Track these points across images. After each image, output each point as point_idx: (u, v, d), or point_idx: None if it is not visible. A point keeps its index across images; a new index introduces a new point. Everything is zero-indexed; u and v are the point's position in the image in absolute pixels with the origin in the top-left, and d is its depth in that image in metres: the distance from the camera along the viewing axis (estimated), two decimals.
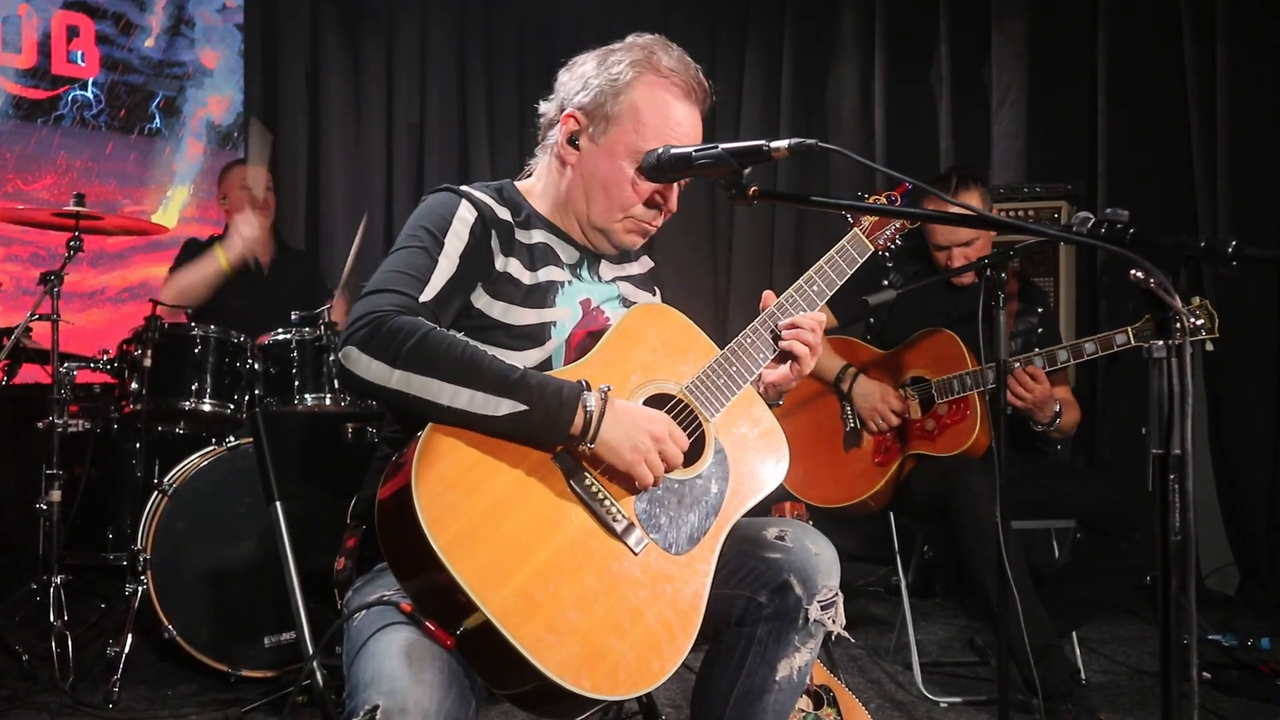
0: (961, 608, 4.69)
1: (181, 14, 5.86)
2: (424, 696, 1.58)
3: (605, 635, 1.69)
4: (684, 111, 2.03)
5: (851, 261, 2.20)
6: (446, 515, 1.64)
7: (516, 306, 1.95)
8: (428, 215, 1.94)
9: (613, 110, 2.00)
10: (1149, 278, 1.50)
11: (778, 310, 2.08)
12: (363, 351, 1.72)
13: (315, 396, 3.78)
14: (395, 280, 1.83)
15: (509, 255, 1.97)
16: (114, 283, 5.55)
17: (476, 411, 1.70)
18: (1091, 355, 3.26)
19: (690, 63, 2.06)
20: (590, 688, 1.64)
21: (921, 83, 5.63)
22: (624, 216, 2.05)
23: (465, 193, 1.98)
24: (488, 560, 1.64)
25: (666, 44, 2.06)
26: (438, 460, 1.68)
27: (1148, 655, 3.94)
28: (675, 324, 2.05)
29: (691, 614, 1.80)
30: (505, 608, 1.62)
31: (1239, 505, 4.80)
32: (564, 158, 2.06)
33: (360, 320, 1.74)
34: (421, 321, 1.75)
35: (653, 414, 1.84)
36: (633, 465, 1.78)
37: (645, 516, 1.82)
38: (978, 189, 3.53)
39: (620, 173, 2.01)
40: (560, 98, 2.08)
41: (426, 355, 1.71)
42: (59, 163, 5.46)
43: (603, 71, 2.02)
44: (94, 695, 3.34)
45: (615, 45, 2.07)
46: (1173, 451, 1.51)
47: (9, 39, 5.30)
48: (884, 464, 3.52)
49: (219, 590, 3.47)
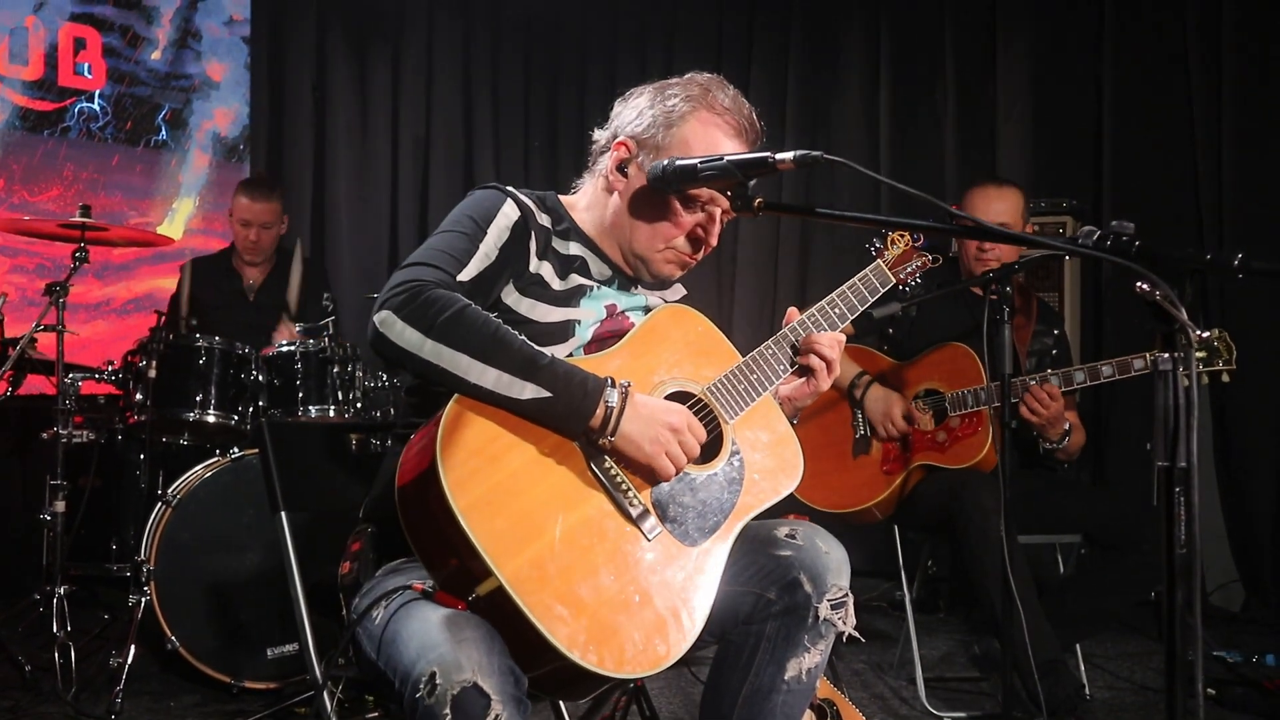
0: (965, 623, 4.67)
1: (188, 27, 5.88)
2: (473, 651, 1.60)
3: (614, 613, 1.71)
4: (734, 149, 2.05)
5: (873, 290, 2.23)
6: (468, 481, 1.67)
7: (543, 305, 1.98)
8: (473, 207, 1.98)
9: (663, 141, 2.03)
10: (1155, 290, 1.50)
11: (800, 327, 2.10)
12: (398, 316, 1.74)
13: (319, 408, 3.78)
14: (436, 257, 1.86)
15: (543, 259, 2.01)
16: (119, 294, 5.56)
17: (501, 392, 1.73)
18: (1108, 378, 3.27)
19: (745, 103, 2.09)
20: (597, 663, 1.66)
21: (926, 98, 5.64)
22: (665, 247, 2.07)
23: (510, 192, 2.02)
24: (505, 527, 1.67)
25: (723, 83, 2.10)
26: (463, 429, 1.71)
27: (1152, 671, 3.93)
28: (700, 326, 2.08)
29: (699, 603, 1.81)
30: (519, 575, 1.64)
31: (1244, 521, 4.79)
32: (612, 184, 2.09)
33: (400, 287, 1.77)
34: (458, 296, 1.78)
35: (671, 406, 1.86)
36: (652, 457, 1.80)
37: (661, 506, 1.84)
38: (1020, 190, 3.64)
39: (665, 203, 2.03)
40: (614, 126, 2.12)
41: (460, 330, 1.73)
42: (65, 174, 5.48)
43: (658, 104, 2.06)
44: (97, 706, 3.33)
45: (672, 80, 2.11)
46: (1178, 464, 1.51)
47: (16, 51, 5.32)
48: (892, 473, 3.52)
49: (222, 601, 3.46)
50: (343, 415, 3.80)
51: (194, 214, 5.90)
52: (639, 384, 1.88)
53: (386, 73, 6.32)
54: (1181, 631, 1.53)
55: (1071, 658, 3.50)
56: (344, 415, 3.80)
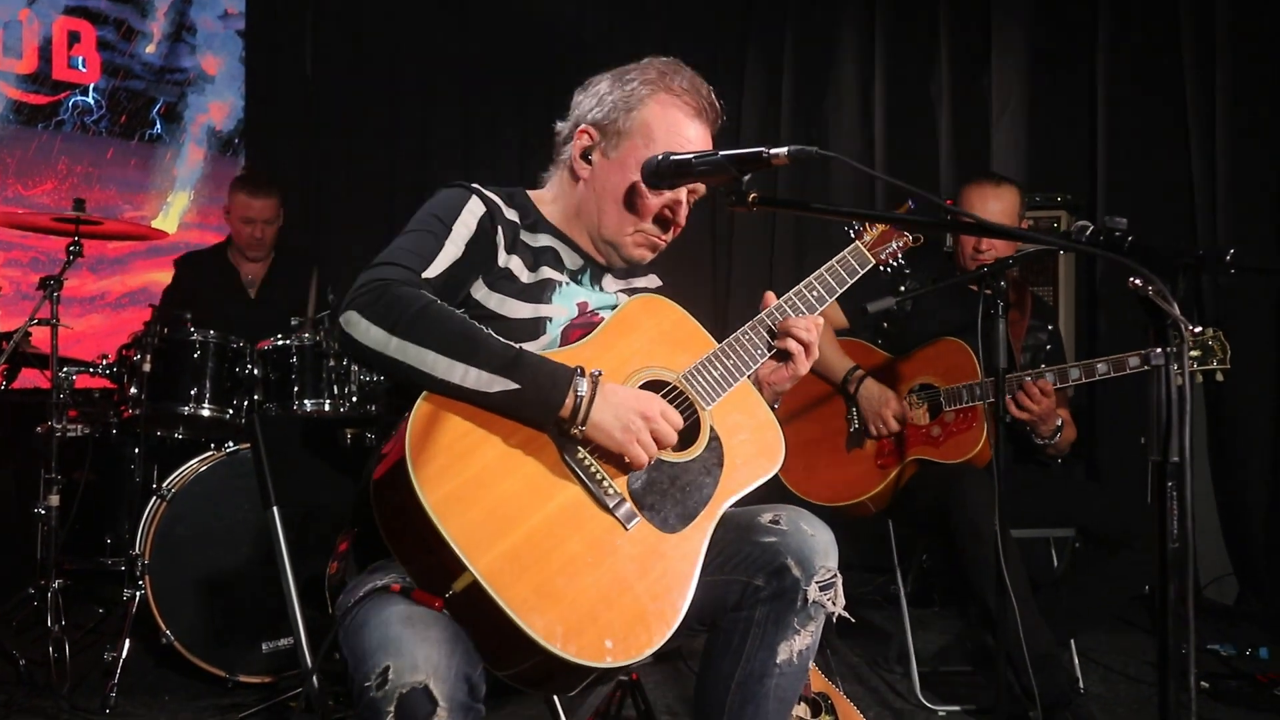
0: (960, 616, 4.68)
1: (183, 20, 5.87)
2: (432, 653, 1.60)
3: (593, 604, 1.71)
4: (695, 130, 2.09)
5: (852, 272, 2.23)
6: (438, 476, 1.67)
7: (513, 300, 1.98)
8: (438, 205, 2.00)
9: (625, 126, 2.07)
10: (1147, 285, 1.50)
11: (776, 311, 2.11)
12: (363, 316, 1.76)
13: (315, 402, 3.78)
14: (401, 255, 1.87)
15: (511, 253, 2.02)
16: (114, 288, 5.55)
17: (469, 386, 1.74)
18: (1104, 375, 3.28)
19: (703, 84, 2.12)
20: (576, 653, 1.65)
21: (921, 93, 5.64)
22: (634, 230, 2.10)
23: (475, 189, 2.03)
24: (478, 521, 1.67)
25: (680, 65, 2.13)
26: (433, 426, 1.72)
27: (1146, 665, 3.94)
28: (673, 316, 2.08)
29: (681, 590, 1.81)
30: (493, 569, 1.64)
31: (1238, 515, 4.80)
32: (577, 171, 2.12)
33: (363, 286, 1.78)
34: (423, 294, 1.79)
35: (643, 394, 1.86)
36: (625, 445, 1.81)
37: (639, 495, 1.84)
38: (1017, 188, 3.64)
39: (632, 187, 2.06)
40: (575, 115, 2.15)
41: (425, 326, 1.74)
42: (60, 168, 5.47)
43: (617, 89, 2.09)
44: (91, 700, 3.33)
45: (630, 66, 2.14)
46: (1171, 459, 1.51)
47: (10, 44, 5.31)
48: (886, 467, 3.52)
49: (217, 596, 3.46)
50: (338, 409, 3.80)
51: (189, 208, 5.89)
52: (612, 374, 1.88)
53: (382, 66, 6.31)
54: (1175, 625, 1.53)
55: (1065, 651, 3.52)
56: (339, 409, 3.80)
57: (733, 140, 5.89)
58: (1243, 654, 3.93)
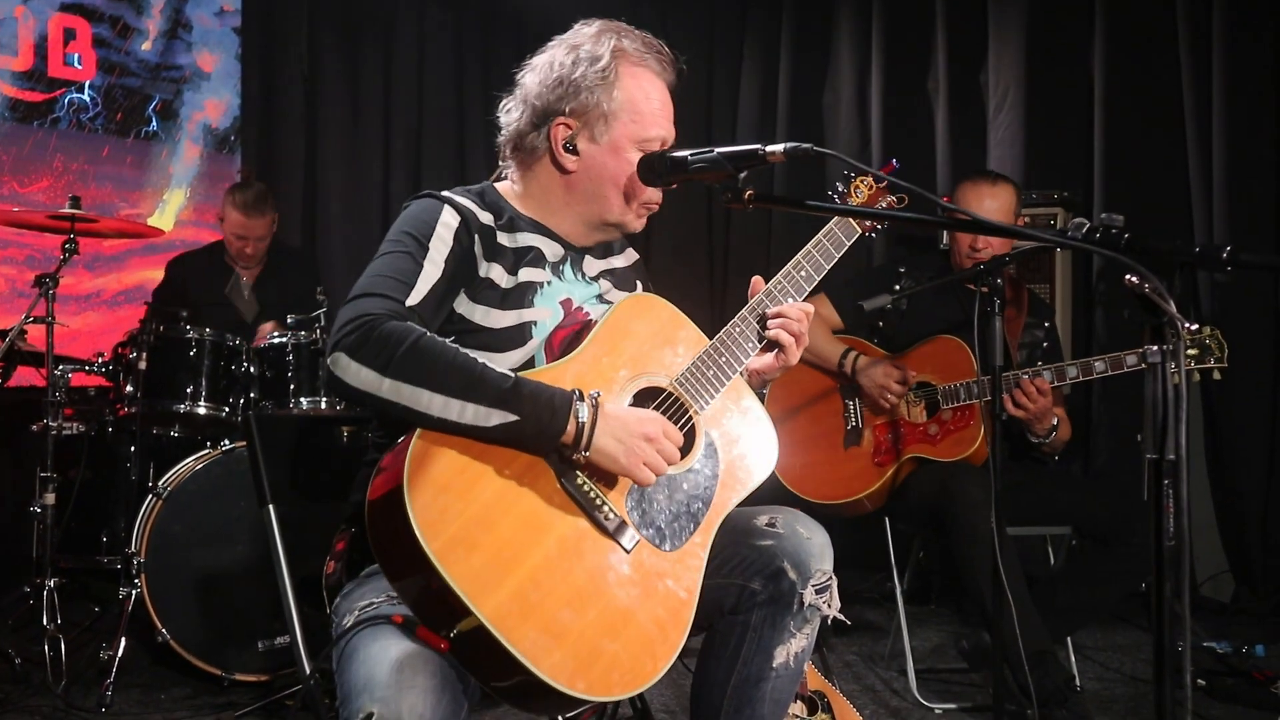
0: (956, 614, 4.68)
1: (179, 17, 5.85)
2: (417, 702, 1.58)
3: (599, 637, 1.69)
4: (662, 89, 2.08)
5: (839, 244, 2.21)
6: (439, 520, 1.63)
7: (495, 310, 1.94)
8: (411, 221, 1.94)
9: (610, 107, 2.01)
10: (1144, 282, 1.50)
11: (765, 297, 2.09)
12: (352, 359, 1.69)
13: (310, 400, 3.77)
14: (381, 284, 1.82)
15: (492, 261, 1.96)
16: (110, 286, 5.54)
17: (467, 423, 1.69)
18: (1101, 374, 3.28)
19: (651, 38, 2.11)
20: (585, 689, 1.64)
21: (918, 89, 5.63)
22: (638, 205, 2.07)
23: (447, 198, 1.97)
24: (481, 565, 1.63)
25: (623, 26, 2.11)
26: (430, 463, 1.67)
27: (1142, 662, 3.94)
28: (663, 314, 2.05)
29: (684, 610, 1.80)
30: (499, 612, 1.61)
31: (1234, 512, 4.80)
32: (563, 164, 2.04)
33: (349, 325, 1.72)
34: (412, 327, 1.74)
35: (644, 415, 1.83)
36: (630, 469, 1.78)
37: (637, 513, 1.82)
38: (1013, 186, 3.64)
39: (631, 165, 2.01)
40: (531, 104, 2.08)
41: (416, 363, 1.69)
42: (55, 165, 5.45)
43: (581, 68, 2.03)
44: (87, 699, 3.33)
45: (568, 40, 2.10)
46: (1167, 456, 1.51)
47: (5, 41, 5.29)
48: (883, 464, 3.53)
49: (213, 594, 3.46)
50: (334, 407, 3.79)
51: (185, 205, 5.87)
52: (604, 385, 1.85)
53: (379, 63, 6.29)
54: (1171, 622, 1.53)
55: (1062, 649, 3.52)
56: (335, 407, 3.79)
57: (729, 138, 5.90)
58: (1238, 651, 3.93)
